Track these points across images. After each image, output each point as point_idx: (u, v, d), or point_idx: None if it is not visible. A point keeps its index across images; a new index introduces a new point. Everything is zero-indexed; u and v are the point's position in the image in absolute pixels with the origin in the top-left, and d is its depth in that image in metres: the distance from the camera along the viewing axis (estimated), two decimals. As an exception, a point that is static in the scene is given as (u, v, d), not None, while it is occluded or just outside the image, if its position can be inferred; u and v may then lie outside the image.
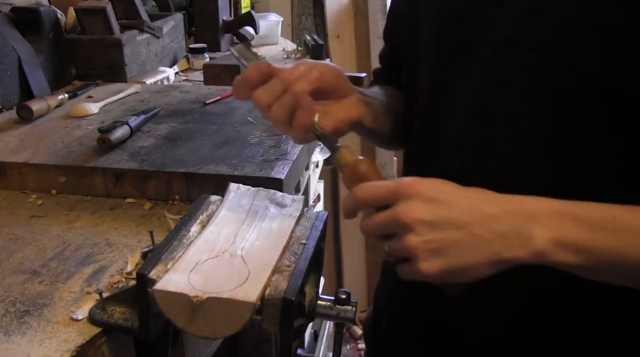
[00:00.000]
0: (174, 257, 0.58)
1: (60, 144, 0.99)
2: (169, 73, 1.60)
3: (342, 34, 2.46)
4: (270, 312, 0.54)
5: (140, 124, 1.06)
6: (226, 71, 1.51)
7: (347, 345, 2.45)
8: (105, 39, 1.46)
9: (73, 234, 0.78)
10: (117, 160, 0.92)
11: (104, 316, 0.60)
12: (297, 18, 2.73)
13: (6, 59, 1.20)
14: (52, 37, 1.36)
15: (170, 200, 0.88)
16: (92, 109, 1.17)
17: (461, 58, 0.62)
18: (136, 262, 0.70)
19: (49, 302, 0.63)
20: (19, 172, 0.91)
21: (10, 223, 0.81)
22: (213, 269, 0.56)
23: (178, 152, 0.95)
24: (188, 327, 0.54)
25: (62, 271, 0.69)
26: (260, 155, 0.93)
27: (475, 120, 0.61)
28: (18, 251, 0.74)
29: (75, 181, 0.90)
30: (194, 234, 0.63)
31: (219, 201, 0.70)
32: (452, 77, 0.63)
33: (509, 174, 0.59)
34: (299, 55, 1.94)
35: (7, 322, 0.59)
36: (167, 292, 0.53)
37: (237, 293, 0.53)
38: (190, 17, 2.05)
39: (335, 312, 0.60)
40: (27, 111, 1.11)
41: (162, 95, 1.30)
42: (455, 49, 0.63)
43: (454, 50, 0.63)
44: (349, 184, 0.57)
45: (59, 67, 1.40)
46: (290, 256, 0.60)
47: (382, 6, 2.39)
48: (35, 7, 1.34)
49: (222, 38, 1.98)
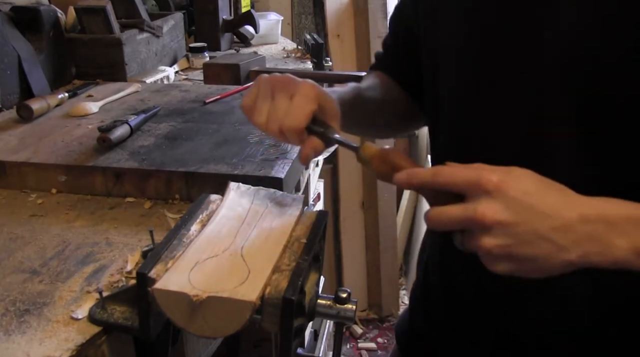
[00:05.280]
0: (174, 256, 0.58)
1: (60, 143, 0.99)
2: (169, 72, 1.60)
3: (342, 33, 2.46)
4: (270, 311, 0.54)
5: (140, 123, 1.05)
6: (226, 70, 1.51)
7: (347, 344, 2.45)
8: (105, 38, 1.46)
9: (73, 233, 0.78)
10: (117, 159, 0.92)
11: (104, 315, 0.60)
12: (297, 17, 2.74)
13: (6, 58, 1.20)
14: (52, 36, 1.36)
15: (170, 199, 0.88)
16: (92, 108, 1.17)
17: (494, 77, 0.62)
18: (136, 262, 0.70)
19: (49, 301, 0.63)
20: (19, 172, 0.91)
21: (10, 222, 0.81)
22: (213, 268, 0.56)
23: (178, 152, 0.95)
24: (188, 327, 0.54)
25: (62, 270, 0.69)
26: (260, 155, 0.93)
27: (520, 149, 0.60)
28: (18, 250, 0.73)
29: (75, 180, 0.90)
30: (194, 233, 0.63)
31: (219, 200, 0.70)
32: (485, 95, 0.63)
33: None
34: (299, 54, 1.94)
35: (7, 322, 0.59)
36: (167, 291, 0.53)
37: (237, 292, 0.53)
38: (190, 16, 2.05)
39: (335, 311, 0.60)
40: (27, 110, 1.11)
41: (162, 95, 1.30)
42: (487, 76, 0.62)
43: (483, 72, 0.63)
44: (382, 175, 0.57)
45: (59, 66, 1.40)
46: (290, 255, 0.60)
47: (382, 5, 2.39)
48: (35, 6, 1.33)
49: (222, 37, 1.98)
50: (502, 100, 0.62)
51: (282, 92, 0.61)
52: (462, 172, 0.51)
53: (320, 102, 0.62)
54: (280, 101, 0.61)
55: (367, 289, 2.59)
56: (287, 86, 0.62)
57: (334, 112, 0.63)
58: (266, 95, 0.62)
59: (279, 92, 0.62)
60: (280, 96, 0.61)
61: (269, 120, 0.62)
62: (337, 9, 2.44)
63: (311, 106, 0.61)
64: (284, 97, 0.61)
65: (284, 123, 0.60)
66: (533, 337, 0.66)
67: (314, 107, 0.61)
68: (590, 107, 0.55)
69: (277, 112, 0.61)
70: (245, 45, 2.08)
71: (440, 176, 0.51)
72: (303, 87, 0.61)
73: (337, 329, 0.65)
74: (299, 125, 0.60)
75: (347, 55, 2.47)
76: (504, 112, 0.62)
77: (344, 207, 2.48)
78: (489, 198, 0.48)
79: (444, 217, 0.51)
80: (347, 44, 2.47)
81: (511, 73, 0.60)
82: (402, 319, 0.90)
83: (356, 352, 2.42)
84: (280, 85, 0.62)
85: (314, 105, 0.61)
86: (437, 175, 0.51)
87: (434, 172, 0.52)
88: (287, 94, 0.61)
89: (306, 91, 0.61)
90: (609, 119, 0.55)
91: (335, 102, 0.64)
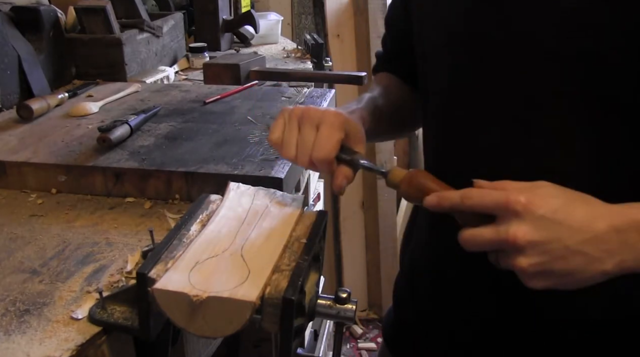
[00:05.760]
0: (174, 256, 0.58)
1: (60, 143, 0.99)
2: (169, 72, 1.60)
3: (342, 33, 2.46)
4: (270, 311, 0.54)
5: (140, 123, 1.05)
6: (226, 70, 1.51)
7: (347, 344, 2.45)
8: (105, 38, 1.46)
9: (73, 233, 0.78)
10: (117, 159, 0.92)
11: (104, 315, 0.60)
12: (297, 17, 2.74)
13: (6, 58, 1.20)
14: (52, 36, 1.36)
15: (170, 199, 0.88)
16: (92, 108, 1.17)
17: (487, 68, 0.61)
18: (136, 262, 0.70)
19: (49, 301, 0.63)
20: (19, 172, 0.91)
21: (10, 222, 0.81)
22: (213, 268, 0.56)
23: (178, 151, 0.95)
24: (188, 327, 0.54)
25: (62, 270, 0.69)
26: (260, 155, 0.93)
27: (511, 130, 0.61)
28: (18, 250, 0.73)
29: (75, 180, 0.90)
30: (194, 233, 0.63)
31: (219, 200, 0.70)
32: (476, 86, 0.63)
33: None
34: (299, 54, 1.94)
35: (7, 322, 0.59)
36: (167, 291, 0.53)
37: (237, 292, 0.53)
38: (190, 16, 2.05)
39: (335, 311, 0.60)
40: (27, 110, 1.11)
41: (162, 95, 1.30)
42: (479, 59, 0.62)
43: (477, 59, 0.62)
44: (411, 197, 0.59)
45: (59, 66, 1.40)
46: (290, 255, 0.60)
47: (382, 5, 2.39)
48: (35, 6, 1.33)
49: (222, 37, 1.98)
50: (492, 86, 0.62)
51: (308, 123, 0.62)
52: (491, 194, 0.52)
53: (346, 128, 0.63)
54: (307, 133, 0.62)
55: (367, 289, 2.59)
56: (312, 116, 0.62)
57: (359, 136, 0.65)
58: (292, 127, 0.63)
59: (305, 124, 0.63)
60: (307, 127, 0.62)
61: (298, 153, 0.63)
62: (337, 9, 2.44)
63: (338, 135, 0.62)
64: (311, 128, 0.62)
65: (314, 155, 0.61)
66: (524, 324, 0.67)
67: (341, 135, 0.62)
68: (582, 93, 0.56)
69: (305, 144, 0.62)
70: (245, 45, 2.08)
71: (470, 199, 0.53)
72: (328, 116, 0.62)
73: (337, 329, 0.65)
74: (328, 156, 0.61)
75: (347, 55, 2.47)
76: (494, 98, 0.62)
77: (344, 207, 2.48)
78: (518, 219, 0.50)
79: (477, 240, 0.53)
80: (347, 44, 2.47)
81: (502, 57, 0.60)
82: (387, 314, 0.90)
83: (356, 352, 2.42)
84: (305, 116, 0.63)
85: (341, 133, 0.62)
86: (466, 198, 0.53)
87: (462, 195, 0.54)
88: (312, 125, 0.62)
89: (332, 120, 0.62)
90: (602, 105, 0.55)
91: (359, 126, 0.65)
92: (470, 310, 0.71)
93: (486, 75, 0.62)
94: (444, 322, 0.75)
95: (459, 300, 0.72)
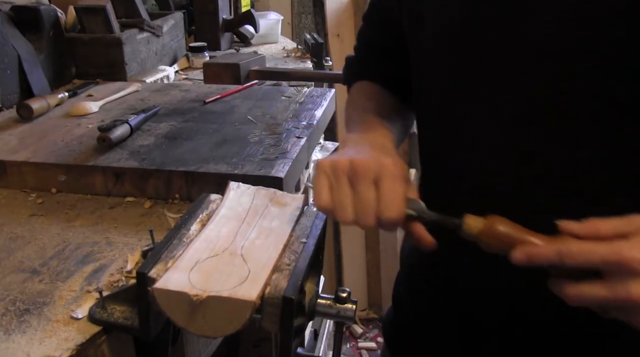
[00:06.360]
0: (174, 255, 0.58)
1: (60, 142, 0.99)
2: (169, 72, 1.60)
3: (342, 33, 2.46)
4: (270, 311, 0.54)
5: (140, 122, 1.05)
6: (226, 70, 1.51)
7: (347, 344, 2.45)
8: (105, 38, 1.46)
9: (73, 232, 0.78)
10: (117, 159, 0.92)
11: (104, 314, 0.60)
12: (297, 17, 2.74)
13: (6, 57, 1.20)
14: (52, 35, 1.36)
15: (170, 199, 0.88)
16: (92, 107, 1.17)
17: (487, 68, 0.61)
18: (136, 261, 0.70)
19: (49, 301, 0.63)
20: (19, 171, 0.91)
21: (10, 222, 0.81)
22: (213, 268, 0.56)
23: (178, 151, 0.95)
24: (188, 326, 0.54)
25: (62, 270, 0.69)
26: (260, 154, 0.93)
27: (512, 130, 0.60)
28: (18, 250, 0.73)
29: (75, 180, 0.90)
30: (194, 232, 0.63)
31: (219, 199, 0.70)
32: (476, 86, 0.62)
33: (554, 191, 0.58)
34: (299, 54, 1.94)
35: (7, 321, 0.59)
36: (167, 290, 0.53)
37: (237, 292, 0.53)
38: (190, 16, 2.05)
39: (335, 311, 0.60)
40: (27, 110, 1.11)
41: (162, 94, 1.30)
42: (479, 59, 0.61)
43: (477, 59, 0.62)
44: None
45: (59, 65, 1.40)
46: (290, 254, 0.60)
47: (382, 5, 2.39)
48: (35, 6, 1.33)
49: (222, 37, 1.98)
50: (492, 86, 0.61)
51: (363, 179, 0.55)
52: (596, 252, 0.47)
53: None
54: (366, 191, 0.55)
55: (367, 289, 2.59)
56: (366, 170, 0.55)
57: (410, 179, 0.58)
58: (343, 186, 0.56)
59: (359, 181, 0.55)
60: (363, 185, 0.55)
61: (359, 214, 0.55)
62: (337, 9, 2.44)
63: (403, 189, 0.55)
64: (368, 185, 0.55)
65: (384, 216, 0.54)
66: (524, 324, 0.66)
67: (406, 188, 0.56)
68: (583, 93, 0.55)
69: (366, 203, 0.54)
70: (245, 45, 2.09)
71: (570, 258, 0.47)
72: (388, 168, 0.55)
73: (337, 329, 0.65)
74: (399, 216, 0.54)
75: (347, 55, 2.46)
76: (494, 98, 0.61)
77: (344, 207, 2.48)
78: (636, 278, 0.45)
79: (587, 297, 0.48)
80: (347, 44, 2.47)
81: (502, 57, 0.60)
82: (387, 314, 0.90)
83: (356, 351, 2.42)
84: (357, 172, 0.55)
85: (406, 185, 0.56)
86: (565, 256, 0.47)
87: (559, 252, 0.48)
88: (369, 181, 0.55)
89: (392, 172, 0.55)
90: (603, 105, 0.55)
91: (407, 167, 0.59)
92: (469, 310, 0.71)
93: (486, 75, 0.61)
94: (443, 323, 0.75)
95: (458, 300, 0.72)
